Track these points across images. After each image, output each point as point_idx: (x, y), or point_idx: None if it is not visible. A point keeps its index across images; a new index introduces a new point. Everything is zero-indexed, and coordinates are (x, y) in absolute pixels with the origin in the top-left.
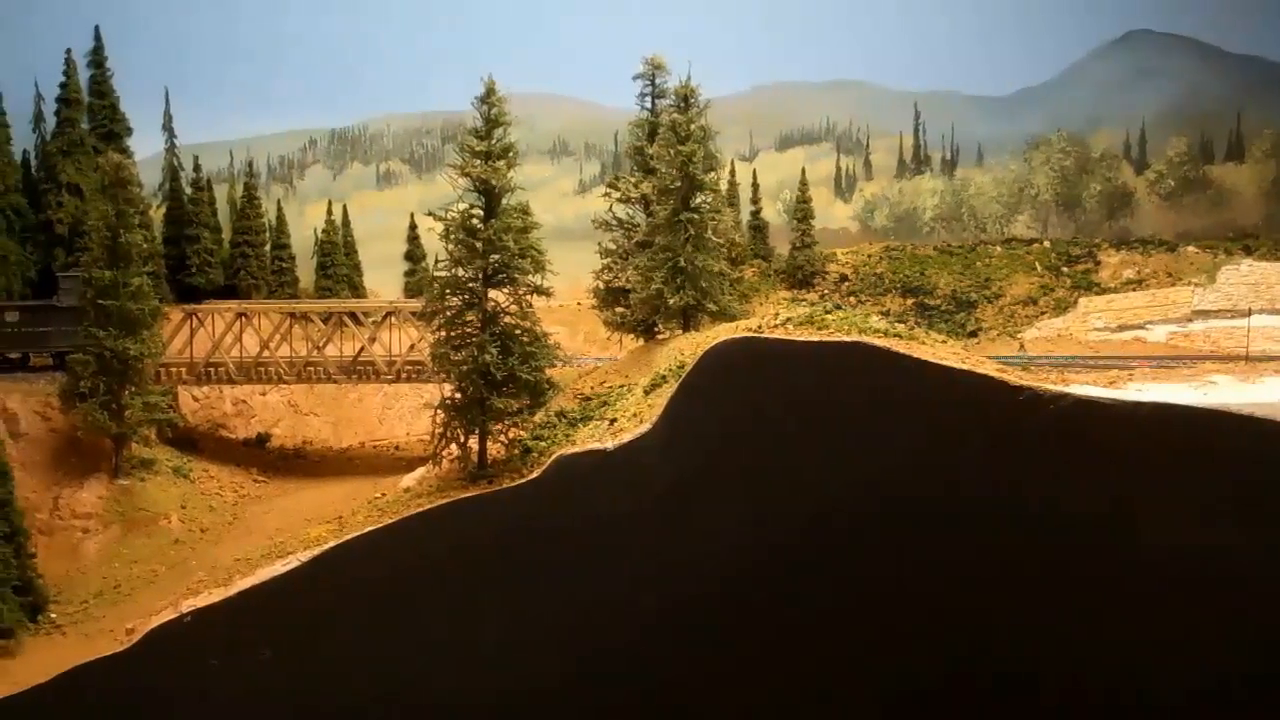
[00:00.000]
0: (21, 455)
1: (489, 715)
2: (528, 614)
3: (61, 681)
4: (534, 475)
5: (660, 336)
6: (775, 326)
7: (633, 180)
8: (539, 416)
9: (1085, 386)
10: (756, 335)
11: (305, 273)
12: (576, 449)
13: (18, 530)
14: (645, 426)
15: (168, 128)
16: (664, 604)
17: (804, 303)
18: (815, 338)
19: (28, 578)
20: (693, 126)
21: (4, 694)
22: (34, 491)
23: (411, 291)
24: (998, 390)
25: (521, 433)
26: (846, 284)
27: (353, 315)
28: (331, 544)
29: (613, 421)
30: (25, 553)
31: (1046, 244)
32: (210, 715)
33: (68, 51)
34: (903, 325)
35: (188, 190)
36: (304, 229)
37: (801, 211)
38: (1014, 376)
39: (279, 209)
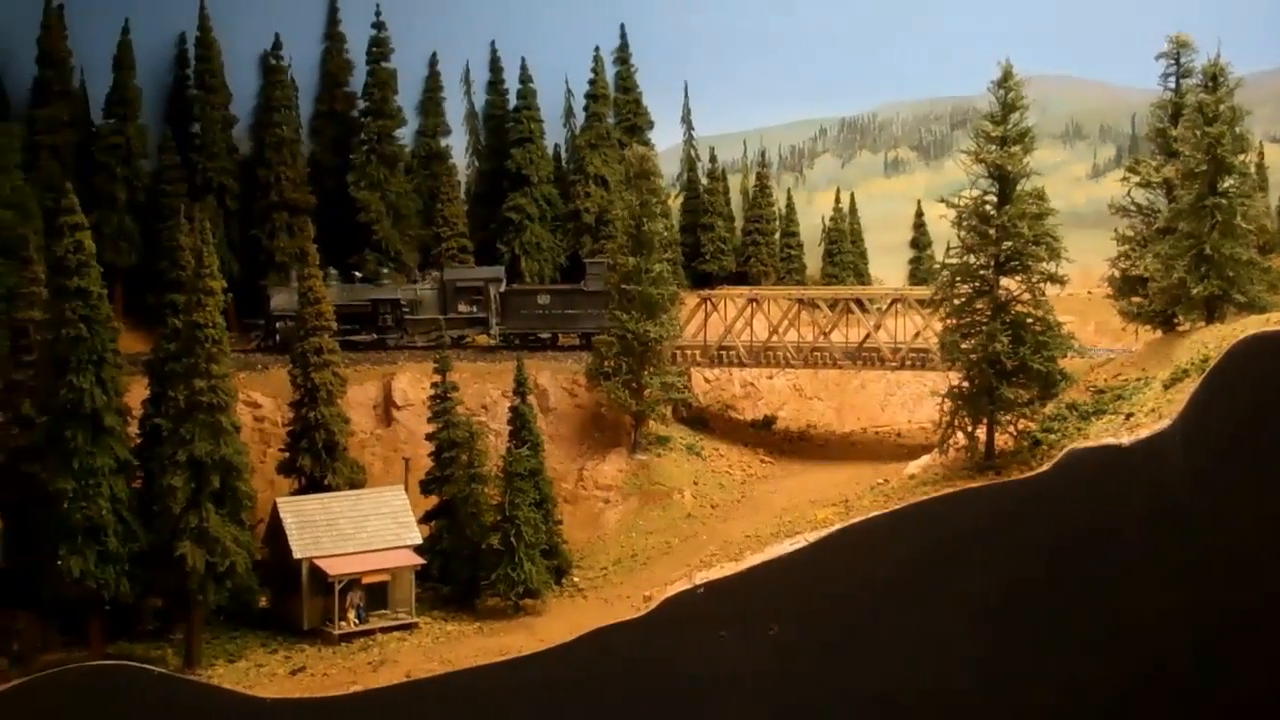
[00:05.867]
0: (550, 428)
1: (977, 710)
2: (1031, 608)
3: (585, 641)
4: (1043, 468)
5: (1180, 328)
6: None
7: (1154, 164)
8: (1049, 408)
9: None
10: None
11: (812, 260)
12: (1089, 443)
13: (547, 498)
14: (1164, 423)
15: (686, 120)
16: (1175, 607)
17: None
18: None
19: (554, 543)
20: (1221, 107)
21: (532, 649)
22: (560, 463)
23: (916, 279)
24: None
25: (1031, 424)
26: None
27: (858, 302)
28: (838, 526)
29: (1129, 416)
30: (553, 519)
31: None
32: (718, 685)
33: (595, 49)
34: None
35: (703, 180)
36: (812, 217)
37: None
38: None
39: (789, 197)
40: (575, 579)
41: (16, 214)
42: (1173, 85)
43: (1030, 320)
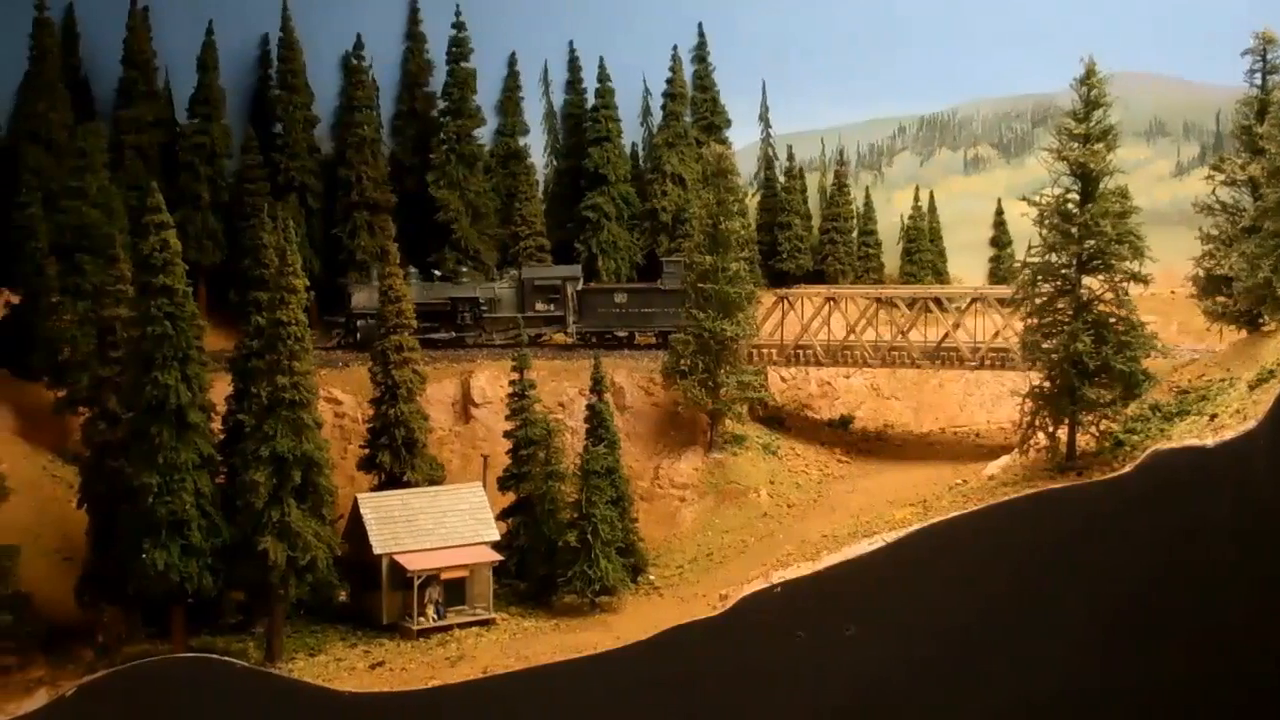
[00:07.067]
0: (626, 426)
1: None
2: (1114, 610)
3: (662, 639)
4: (1126, 469)
5: (1266, 328)
6: None
7: (1239, 161)
8: (1132, 409)
9: None
10: None
11: (890, 258)
12: (1173, 444)
13: (623, 496)
14: (1250, 424)
15: (764, 119)
16: (1261, 609)
17: None
18: None
19: (630, 540)
20: None
21: (608, 647)
22: (637, 460)
23: (996, 278)
24: None
25: (1113, 425)
26: None
27: (937, 301)
28: (916, 526)
29: (1213, 417)
30: (629, 517)
31: None
32: (794, 685)
33: (673, 48)
34: None
35: (781, 179)
36: (890, 215)
37: None
38: None
39: (867, 196)
40: (651, 577)
41: (103, 213)
42: (1258, 82)
43: (1113, 320)
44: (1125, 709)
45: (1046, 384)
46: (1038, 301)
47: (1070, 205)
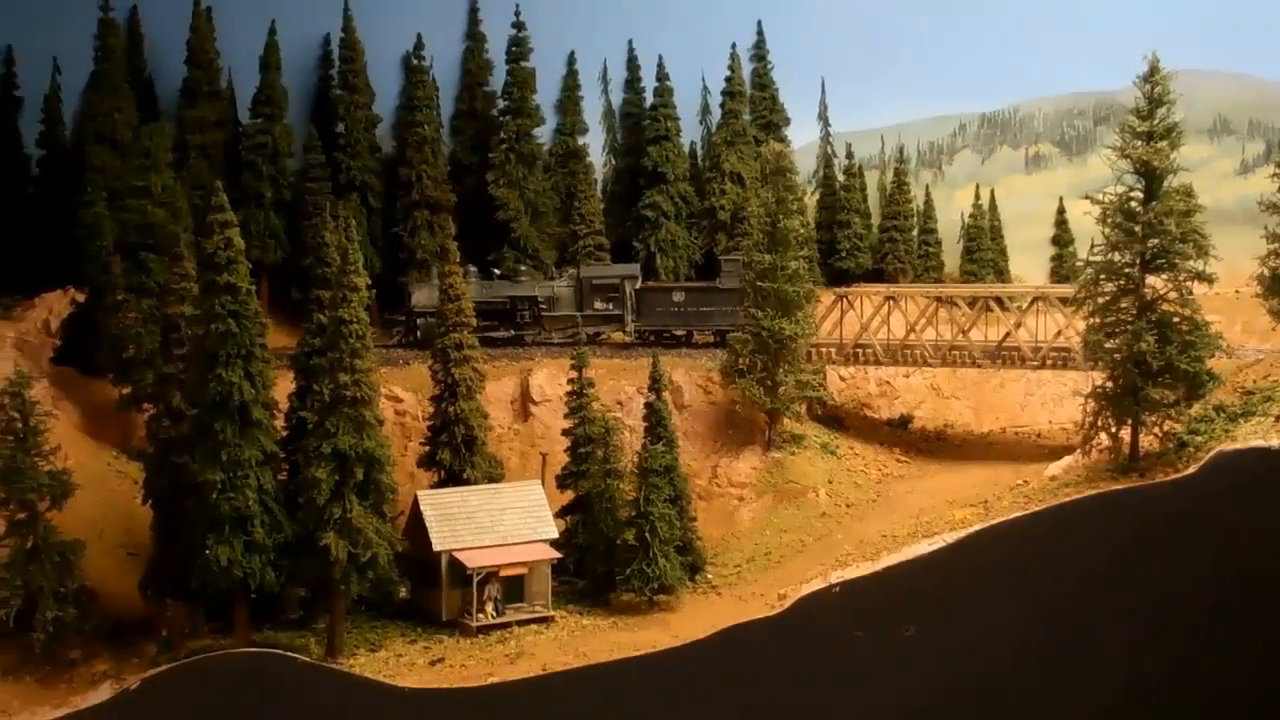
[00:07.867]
0: (685, 425)
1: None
2: (1178, 612)
3: (720, 638)
4: (1190, 471)
5: None
6: None
7: None
8: (1196, 409)
9: None
10: None
11: (951, 257)
12: (1237, 445)
13: (681, 494)
14: None
15: (823, 117)
16: None
17: None
18: None
19: (688, 539)
20: None
21: (666, 645)
22: (695, 459)
23: (1058, 277)
24: None
25: (1177, 425)
26: None
27: (998, 300)
28: (977, 527)
29: (1279, 418)
30: (687, 516)
31: None
32: (852, 684)
33: (732, 46)
34: None
35: (840, 177)
36: (951, 213)
37: None
38: None
39: (927, 194)
40: (709, 576)
41: (168, 212)
42: None
43: (1177, 319)
44: (1189, 712)
45: (1109, 384)
46: (1100, 301)
47: (1134, 204)
